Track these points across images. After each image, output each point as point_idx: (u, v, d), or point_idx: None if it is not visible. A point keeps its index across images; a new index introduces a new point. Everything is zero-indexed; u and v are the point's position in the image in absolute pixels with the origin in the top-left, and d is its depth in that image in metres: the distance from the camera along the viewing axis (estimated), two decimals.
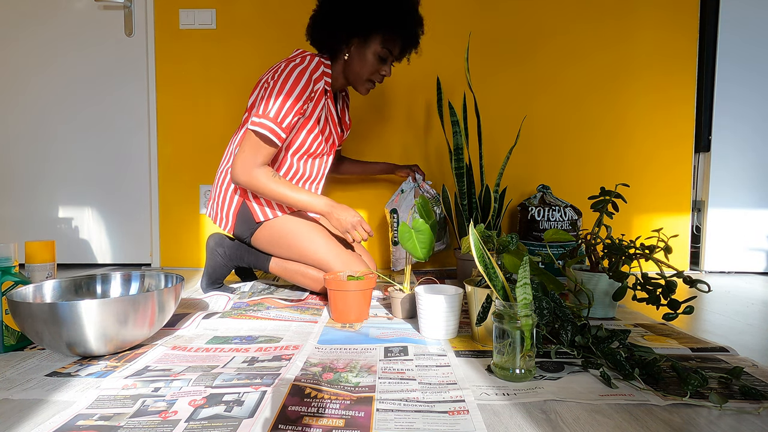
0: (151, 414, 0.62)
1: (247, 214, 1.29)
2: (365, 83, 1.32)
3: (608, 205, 1.14)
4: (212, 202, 1.36)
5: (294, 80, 1.19)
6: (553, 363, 0.82)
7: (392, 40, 1.26)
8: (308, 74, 1.21)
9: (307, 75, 1.20)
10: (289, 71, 1.20)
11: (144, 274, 1.06)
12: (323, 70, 1.27)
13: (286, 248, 1.29)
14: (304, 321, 1.08)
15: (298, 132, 1.27)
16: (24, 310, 0.78)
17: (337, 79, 1.34)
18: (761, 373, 0.77)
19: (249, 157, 1.18)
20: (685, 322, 1.11)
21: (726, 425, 0.61)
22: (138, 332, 0.84)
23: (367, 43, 1.26)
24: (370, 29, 1.24)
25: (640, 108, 1.85)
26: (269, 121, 1.16)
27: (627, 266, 1.08)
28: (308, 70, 1.21)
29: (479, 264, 0.80)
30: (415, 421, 0.61)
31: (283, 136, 1.18)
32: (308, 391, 0.68)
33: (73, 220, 1.90)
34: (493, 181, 1.78)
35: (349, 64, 1.30)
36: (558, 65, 1.84)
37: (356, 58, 1.28)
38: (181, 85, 1.85)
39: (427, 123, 1.87)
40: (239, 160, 1.18)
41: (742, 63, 1.80)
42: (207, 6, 1.83)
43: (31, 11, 1.84)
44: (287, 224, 1.28)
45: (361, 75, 1.30)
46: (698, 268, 1.91)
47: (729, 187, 1.84)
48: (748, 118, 1.82)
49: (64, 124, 1.87)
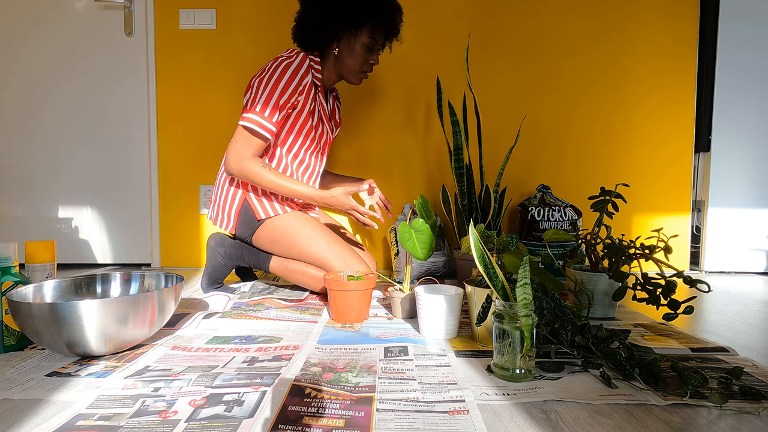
0: (151, 414, 0.62)
1: (249, 212, 1.30)
2: (358, 74, 1.36)
3: (608, 205, 1.14)
4: (213, 204, 1.37)
5: (279, 74, 1.23)
6: (553, 363, 0.82)
7: (378, 29, 1.31)
8: (294, 68, 1.24)
9: (292, 68, 1.24)
10: (275, 67, 1.24)
11: (144, 274, 1.06)
12: (310, 64, 1.29)
13: (287, 246, 1.29)
14: (304, 321, 1.08)
15: (292, 126, 1.30)
16: (24, 310, 0.78)
17: (328, 76, 1.37)
18: (761, 373, 0.77)
19: (241, 147, 1.22)
20: (685, 322, 1.11)
21: (726, 425, 0.61)
22: (138, 332, 0.84)
23: (356, 35, 1.30)
24: (357, 22, 1.28)
25: (641, 108, 1.85)
26: (256, 115, 1.20)
27: (627, 266, 1.08)
28: (293, 64, 1.24)
29: (479, 264, 0.80)
30: (415, 421, 0.61)
31: (272, 129, 1.22)
32: (308, 391, 0.68)
33: (73, 220, 1.90)
34: (493, 181, 1.78)
35: (340, 59, 1.33)
36: (558, 65, 1.84)
37: (346, 52, 1.32)
38: (181, 85, 1.85)
39: (427, 123, 1.87)
40: (232, 151, 1.23)
41: (743, 63, 1.80)
42: (207, 6, 1.83)
43: (31, 11, 1.84)
44: (288, 222, 1.29)
45: (353, 67, 1.34)
46: (698, 268, 1.91)
47: (729, 187, 1.84)
48: (748, 117, 1.82)
49: (63, 123, 1.87)
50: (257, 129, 1.20)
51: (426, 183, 1.89)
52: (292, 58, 1.26)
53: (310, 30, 1.30)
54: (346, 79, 1.38)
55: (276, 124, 1.23)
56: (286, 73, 1.23)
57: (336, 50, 1.32)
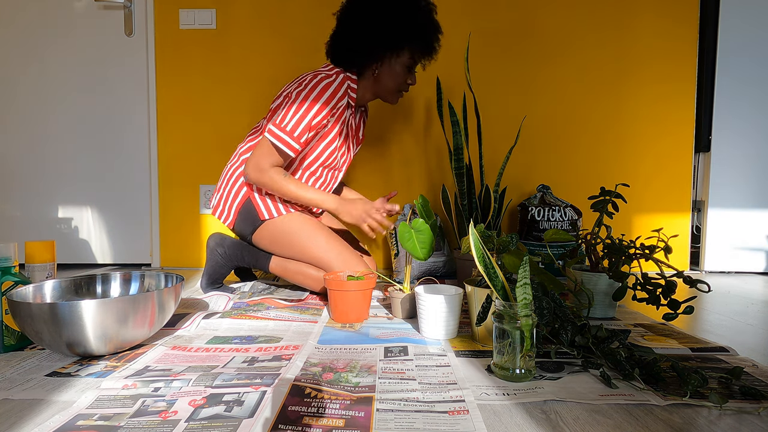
0: (151, 414, 0.62)
1: (251, 211, 1.30)
2: (396, 94, 1.35)
3: (608, 205, 1.14)
4: (216, 194, 1.36)
5: (317, 94, 1.21)
6: (553, 363, 0.82)
7: (420, 51, 1.30)
8: (333, 89, 1.23)
9: (331, 89, 1.22)
10: (314, 85, 1.22)
11: (144, 274, 1.06)
12: (349, 85, 1.28)
13: (288, 246, 1.29)
14: (304, 321, 1.08)
15: (316, 145, 1.29)
16: (24, 310, 0.78)
17: (363, 94, 1.36)
18: (761, 373, 0.77)
19: (262, 158, 1.22)
20: (685, 322, 1.11)
21: (726, 425, 0.61)
22: (138, 332, 0.84)
23: (397, 57, 1.29)
24: (401, 44, 1.27)
25: (641, 108, 1.85)
26: (285, 134, 1.20)
27: (627, 266, 1.08)
28: (333, 84, 1.23)
29: (479, 264, 0.80)
30: (415, 421, 0.60)
31: (297, 148, 1.22)
32: (308, 391, 0.68)
33: (73, 220, 1.90)
34: (493, 181, 1.77)
35: (379, 79, 1.32)
36: (558, 65, 1.84)
37: (386, 73, 1.31)
38: (182, 85, 1.85)
39: (427, 123, 1.87)
40: (252, 161, 1.22)
41: (742, 63, 1.80)
42: (207, 6, 1.83)
43: (31, 11, 1.84)
44: (290, 222, 1.29)
45: (392, 87, 1.33)
46: (698, 268, 1.91)
47: (729, 187, 1.84)
48: (748, 118, 1.82)
49: (63, 124, 1.87)
50: (283, 147, 1.20)
51: (426, 183, 1.89)
52: (332, 77, 1.24)
53: (350, 49, 1.27)
54: (383, 99, 1.37)
55: (303, 144, 1.22)
56: (325, 93, 1.21)
57: (376, 71, 1.30)
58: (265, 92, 1.84)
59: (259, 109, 1.84)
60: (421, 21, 1.26)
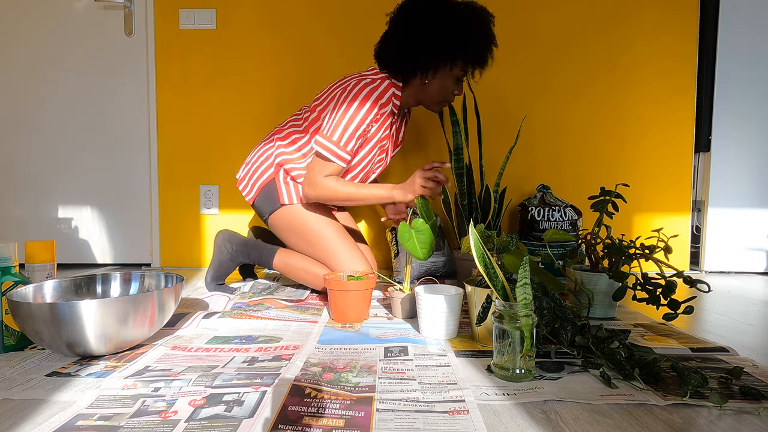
0: (151, 414, 0.62)
1: (273, 192, 1.32)
2: (441, 103, 1.32)
3: (608, 205, 1.14)
4: (245, 167, 1.38)
5: (362, 100, 1.19)
6: (553, 363, 0.82)
7: (473, 63, 1.26)
8: (376, 95, 1.20)
9: (375, 96, 1.20)
10: (358, 90, 1.20)
11: (144, 274, 1.06)
12: (393, 92, 1.24)
13: (300, 234, 1.31)
14: (304, 321, 1.08)
15: (357, 150, 1.28)
16: (24, 310, 0.78)
17: (406, 101, 1.32)
18: (761, 373, 0.77)
19: (315, 174, 1.22)
20: (685, 322, 1.11)
21: (726, 425, 0.61)
22: (138, 332, 0.84)
23: (450, 67, 1.25)
24: (458, 56, 1.23)
25: (641, 108, 1.85)
26: (333, 144, 1.19)
27: (627, 266, 1.08)
28: (377, 90, 1.21)
29: (479, 264, 0.80)
30: (415, 421, 0.61)
31: (347, 158, 1.21)
32: (308, 391, 0.68)
33: (73, 220, 1.90)
34: (493, 181, 1.77)
35: (427, 89, 1.28)
36: (558, 65, 1.84)
37: (436, 83, 1.26)
38: (181, 85, 1.85)
39: (427, 123, 1.87)
40: (307, 180, 1.24)
41: (743, 63, 1.80)
42: (207, 6, 1.83)
43: (31, 11, 1.84)
44: (307, 212, 1.31)
45: (438, 97, 1.29)
46: (698, 268, 1.91)
47: (729, 187, 1.84)
48: (748, 117, 1.82)
49: (63, 123, 1.87)
50: (332, 158, 1.19)
51: None
52: (377, 83, 1.21)
53: (404, 57, 1.22)
54: (427, 107, 1.33)
55: (351, 152, 1.21)
56: (369, 100, 1.19)
57: (426, 80, 1.25)
58: (265, 92, 1.84)
59: (259, 109, 1.84)
60: (482, 33, 1.21)
